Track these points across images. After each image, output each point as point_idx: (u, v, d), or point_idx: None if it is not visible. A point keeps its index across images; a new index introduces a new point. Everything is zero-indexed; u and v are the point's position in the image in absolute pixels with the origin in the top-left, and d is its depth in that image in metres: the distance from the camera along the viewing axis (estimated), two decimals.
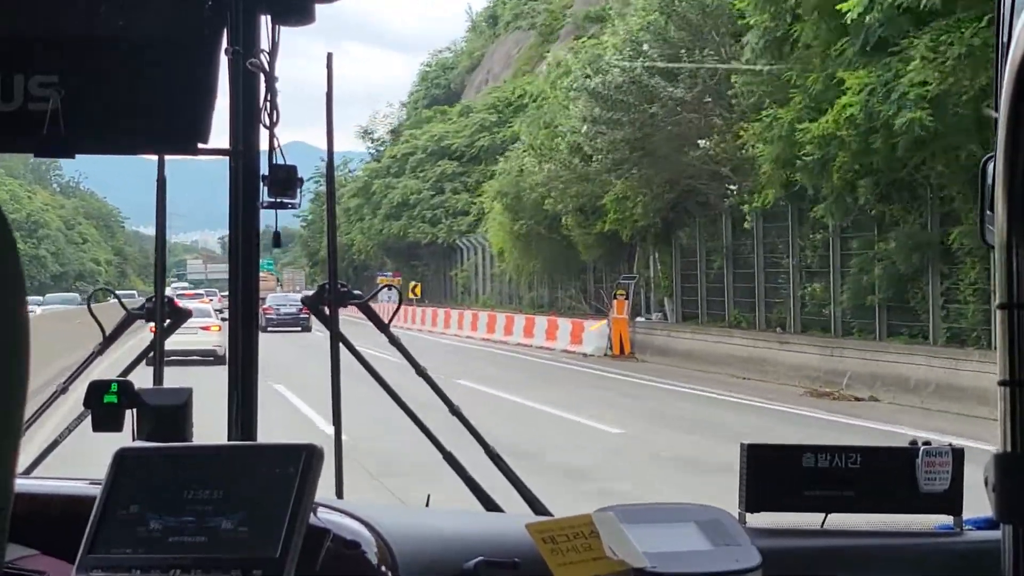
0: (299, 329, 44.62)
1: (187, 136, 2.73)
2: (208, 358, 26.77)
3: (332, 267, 3.22)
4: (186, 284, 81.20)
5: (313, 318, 3.30)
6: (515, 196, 42.30)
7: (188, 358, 24.96)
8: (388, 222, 68.09)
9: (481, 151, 62.84)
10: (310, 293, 3.21)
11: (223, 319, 29.10)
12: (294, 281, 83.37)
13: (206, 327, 28.41)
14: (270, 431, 2.81)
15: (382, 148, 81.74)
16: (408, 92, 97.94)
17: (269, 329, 43.36)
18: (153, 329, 3.34)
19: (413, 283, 59.43)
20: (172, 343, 3.32)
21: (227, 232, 2.85)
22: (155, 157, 3.13)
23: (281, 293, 56.00)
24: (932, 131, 18.57)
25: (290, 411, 18.54)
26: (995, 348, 1.41)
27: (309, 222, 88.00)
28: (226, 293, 2.99)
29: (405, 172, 69.41)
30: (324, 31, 2.84)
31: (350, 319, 3.14)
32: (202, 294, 52.54)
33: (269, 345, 3.09)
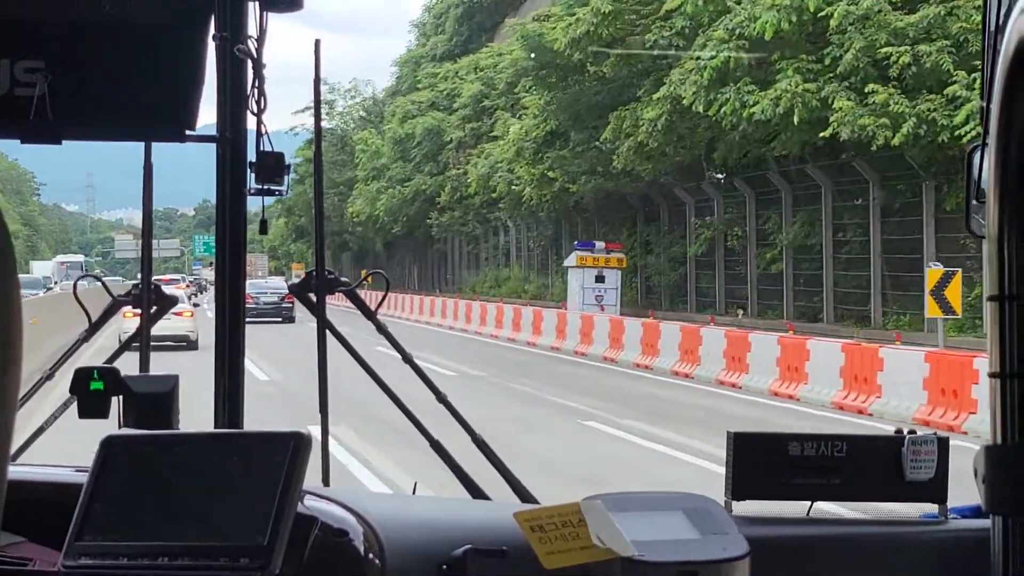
0: (280, 320, 39.86)
1: (174, 122, 2.71)
2: (181, 343, 27.01)
3: (319, 253, 3.21)
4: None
5: (299, 307, 3.27)
6: None
7: (162, 343, 25.04)
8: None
9: None
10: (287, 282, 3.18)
11: (195, 305, 28.97)
12: (255, 267, 77.78)
13: (178, 312, 28.75)
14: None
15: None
16: (417, 23, 73.89)
17: (248, 320, 38.87)
18: (127, 315, 3.31)
19: None
20: None
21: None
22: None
23: (260, 280, 49.32)
24: None
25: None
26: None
27: (300, 178, 57.06)
28: (193, 277, 2.97)
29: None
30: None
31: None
32: (178, 279, 51.93)
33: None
